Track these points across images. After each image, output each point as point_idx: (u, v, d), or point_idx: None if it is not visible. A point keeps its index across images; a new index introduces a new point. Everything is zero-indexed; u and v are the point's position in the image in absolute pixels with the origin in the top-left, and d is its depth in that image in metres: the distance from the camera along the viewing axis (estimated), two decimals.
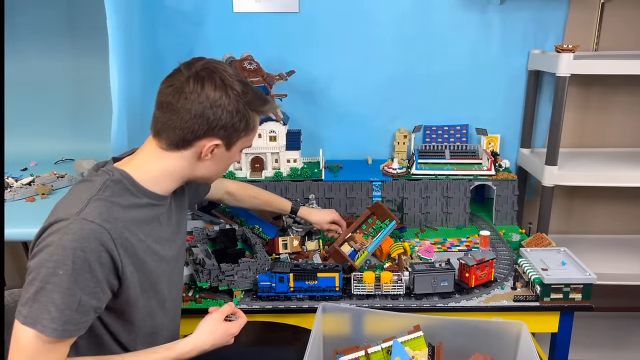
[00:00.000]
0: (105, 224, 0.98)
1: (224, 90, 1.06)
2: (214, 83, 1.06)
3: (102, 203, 1.01)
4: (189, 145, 1.09)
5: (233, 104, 1.07)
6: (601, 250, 2.14)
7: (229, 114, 1.07)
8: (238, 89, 1.08)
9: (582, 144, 2.20)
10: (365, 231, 1.70)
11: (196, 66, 1.07)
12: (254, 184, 1.91)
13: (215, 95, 1.05)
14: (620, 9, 2.02)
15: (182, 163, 1.11)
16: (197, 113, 1.05)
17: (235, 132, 1.11)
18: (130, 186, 1.07)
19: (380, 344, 1.22)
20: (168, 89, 1.07)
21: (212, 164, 1.14)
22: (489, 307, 1.45)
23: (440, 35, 2.07)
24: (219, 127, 1.08)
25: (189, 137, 1.07)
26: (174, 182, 1.15)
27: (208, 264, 1.50)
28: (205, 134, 1.07)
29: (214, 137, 1.09)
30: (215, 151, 1.11)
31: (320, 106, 2.17)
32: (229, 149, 1.14)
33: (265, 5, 2.04)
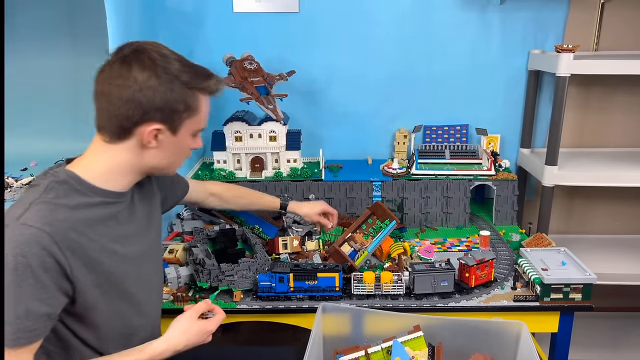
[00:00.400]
0: (46, 227, 0.94)
1: (153, 70, 1.01)
2: (142, 64, 1.00)
3: (44, 206, 0.97)
4: (129, 134, 1.04)
5: (165, 84, 1.01)
6: (601, 250, 2.14)
7: (162, 94, 1.01)
8: (170, 67, 1.02)
9: (582, 144, 2.20)
10: (365, 231, 1.70)
11: (124, 50, 1.02)
12: (254, 184, 1.92)
13: (144, 77, 1.00)
14: (620, 9, 2.02)
15: (128, 155, 1.06)
16: (127, 98, 1.00)
17: (175, 113, 1.05)
18: (78, 186, 1.03)
19: (380, 344, 1.22)
20: (99, 78, 1.03)
21: (160, 152, 1.08)
22: (489, 307, 1.45)
23: (440, 35, 2.07)
24: (154, 110, 1.02)
25: (126, 124, 1.02)
26: (127, 177, 1.10)
27: (208, 264, 1.50)
28: (141, 119, 1.02)
29: (152, 122, 1.03)
30: (160, 137, 1.06)
31: (320, 106, 2.17)
32: (174, 133, 1.07)
33: (265, 5, 2.04)
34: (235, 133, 1.94)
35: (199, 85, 1.07)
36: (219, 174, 1.95)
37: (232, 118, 1.93)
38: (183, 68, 1.04)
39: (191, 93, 1.06)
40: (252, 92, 1.85)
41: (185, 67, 1.05)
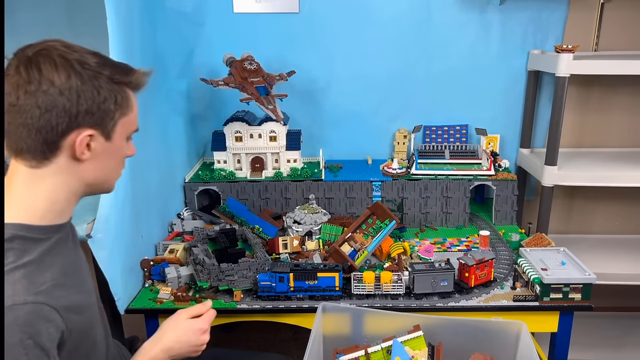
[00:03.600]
0: (39, 297, 0.82)
1: (70, 68, 0.85)
2: (53, 63, 0.85)
3: (17, 275, 0.82)
4: (57, 149, 0.87)
5: (89, 82, 0.87)
6: (601, 250, 2.14)
7: (87, 94, 0.86)
8: (89, 62, 0.88)
9: (581, 144, 2.20)
10: (365, 231, 1.71)
11: (27, 51, 0.86)
12: (254, 184, 1.92)
13: (61, 77, 0.84)
14: (619, 9, 2.03)
15: (63, 176, 0.90)
16: (47, 105, 0.84)
17: (106, 115, 0.90)
18: (28, 234, 0.87)
19: (380, 344, 1.22)
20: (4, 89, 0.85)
21: (98, 163, 0.93)
22: (489, 307, 1.45)
23: (440, 35, 2.07)
24: (83, 114, 0.87)
25: (51, 137, 0.86)
26: (71, 203, 0.95)
27: (208, 263, 1.50)
28: (68, 127, 0.86)
29: (82, 128, 0.87)
30: (93, 145, 0.90)
31: (320, 106, 2.17)
32: (108, 138, 0.92)
33: (265, 6, 2.04)
34: (235, 133, 1.94)
35: (125, 79, 0.93)
36: (219, 174, 1.96)
37: (232, 118, 1.93)
38: (102, 61, 0.90)
39: (119, 89, 0.91)
40: (252, 92, 1.86)
41: (103, 60, 0.91)
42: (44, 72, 0.84)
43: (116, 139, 0.94)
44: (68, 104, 0.85)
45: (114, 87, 0.91)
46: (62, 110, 0.85)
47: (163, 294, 1.51)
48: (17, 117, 0.85)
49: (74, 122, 0.87)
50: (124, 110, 0.94)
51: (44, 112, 0.84)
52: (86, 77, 0.87)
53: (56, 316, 0.85)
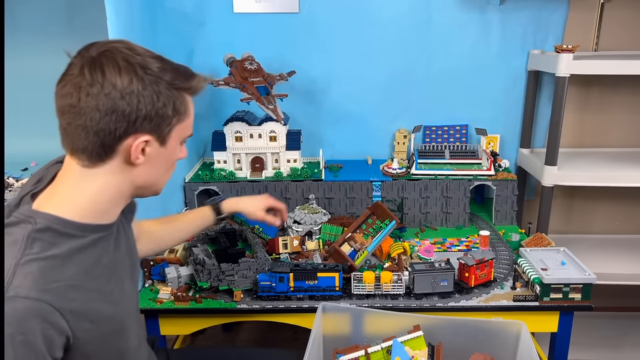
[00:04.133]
0: (44, 296, 0.79)
1: (132, 72, 0.84)
2: (117, 66, 0.84)
3: (33, 267, 0.80)
4: (113, 152, 0.87)
5: (150, 87, 0.86)
6: (601, 250, 2.14)
7: (147, 100, 0.85)
8: (152, 67, 0.86)
9: (581, 144, 2.20)
10: (365, 231, 1.71)
11: (91, 52, 0.86)
12: (254, 184, 1.92)
13: (123, 81, 0.83)
14: (619, 9, 2.02)
15: (114, 177, 0.90)
16: (107, 109, 0.83)
17: (163, 120, 0.89)
18: (64, 229, 0.86)
19: (380, 344, 1.22)
20: (64, 89, 0.85)
21: (150, 168, 0.93)
22: (489, 307, 1.45)
23: (440, 35, 2.07)
24: (142, 119, 0.86)
25: (108, 141, 0.86)
26: (118, 204, 0.95)
27: (208, 263, 1.50)
28: (126, 132, 0.86)
29: (140, 133, 0.87)
30: (148, 150, 0.90)
31: (320, 106, 2.17)
32: (163, 144, 0.92)
33: (265, 6, 2.04)
34: (235, 133, 1.94)
35: (185, 85, 0.92)
36: (219, 174, 1.95)
37: (232, 118, 1.93)
38: (163, 66, 0.89)
39: (178, 94, 0.91)
40: (253, 92, 1.85)
41: (165, 65, 0.90)
42: (107, 75, 0.83)
43: (170, 144, 0.94)
44: (128, 108, 0.85)
45: (173, 92, 0.90)
46: (121, 115, 0.85)
47: (163, 294, 1.51)
48: (77, 118, 0.84)
49: (132, 127, 0.86)
50: (181, 116, 0.93)
51: (104, 115, 0.84)
52: (147, 82, 0.86)
53: (59, 319, 0.81)
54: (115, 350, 0.98)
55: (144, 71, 0.86)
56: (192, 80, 0.93)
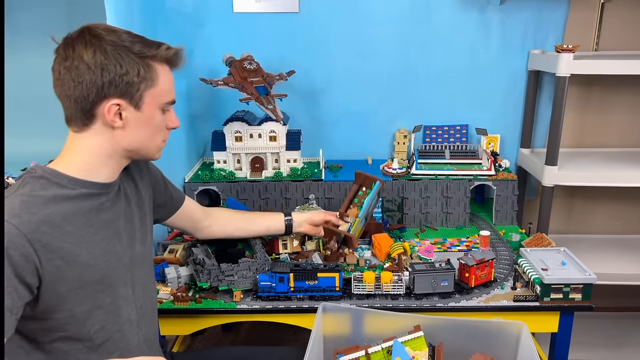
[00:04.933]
0: (14, 220, 0.92)
1: (97, 45, 0.99)
2: (84, 41, 0.99)
3: (16, 199, 0.96)
4: (92, 117, 1.03)
5: (112, 57, 0.99)
6: (601, 250, 2.14)
7: (111, 68, 0.99)
8: (114, 39, 1.00)
9: (582, 144, 2.20)
10: (358, 204, 1.69)
11: (71, 33, 1.02)
12: (254, 184, 1.92)
13: (89, 54, 0.99)
14: (620, 9, 2.02)
15: (99, 140, 1.05)
16: (78, 78, 0.99)
17: (131, 86, 1.02)
18: (55, 179, 1.01)
19: (381, 344, 1.22)
20: (53, 67, 1.03)
21: (131, 131, 1.06)
22: (489, 307, 1.45)
23: (440, 35, 2.07)
24: (108, 85, 1.00)
25: (85, 107, 1.01)
26: (108, 164, 1.08)
27: (208, 264, 1.50)
28: (97, 97, 1.00)
29: (110, 98, 1.01)
30: (125, 114, 1.04)
31: (320, 106, 2.17)
32: (138, 108, 1.05)
33: (265, 5, 2.04)
34: (235, 133, 1.94)
35: (150, 53, 1.04)
36: (219, 174, 1.95)
37: (232, 118, 1.93)
38: (132, 39, 1.02)
39: (143, 62, 1.03)
40: (252, 92, 1.85)
41: (134, 38, 1.03)
42: (76, 50, 0.99)
43: (146, 109, 1.06)
44: (94, 77, 0.99)
45: (138, 61, 1.02)
46: (90, 82, 0.99)
47: (163, 294, 1.50)
48: (61, 89, 1.02)
49: (101, 93, 1.00)
50: (149, 82, 1.04)
51: (77, 84, 1.00)
52: (110, 52, 0.99)
53: (24, 243, 0.92)
54: (98, 307, 1.06)
55: (107, 43, 1.00)
56: (157, 50, 1.05)
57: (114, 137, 1.06)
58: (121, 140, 1.06)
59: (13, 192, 0.98)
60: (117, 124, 1.04)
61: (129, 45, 1.01)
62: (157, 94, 1.07)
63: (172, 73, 1.11)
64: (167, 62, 1.09)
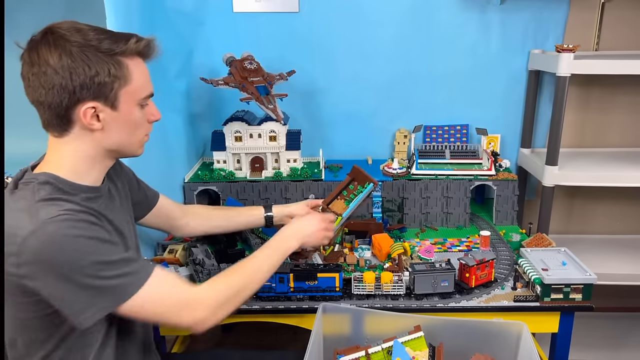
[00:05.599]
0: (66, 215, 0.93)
1: (61, 47, 0.94)
2: (48, 44, 0.94)
3: (48, 203, 0.94)
4: (70, 122, 0.99)
5: (79, 59, 0.94)
6: (601, 250, 2.14)
7: (79, 70, 0.95)
8: (79, 39, 0.95)
9: (582, 144, 2.20)
10: (346, 197, 1.65)
11: (35, 36, 0.97)
12: (254, 184, 1.92)
13: (54, 58, 0.94)
14: (620, 9, 2.02)
15: (80, 144, 1.02)
16: (48, 85, 0.95)
17: (103, 87, 0.98)
18: (59, 184, 1.00)
19: (381, 344, 1.22)
20: (21, 75, 0.98)
21: (112, 131, 1.03)
22: (489, 308, 1.45)
23: (440, 35, 2.07)
24: (79, 89, 0.96)
25: (60, 112, 0.97)
26: (94, 167, 1.06)
27: (208, 264, 1.50)
28: (71, 102, 0.96)
29: (84, 102, 0.97)
30: (102, 116, 1.00)
31: (320, 106, 2.16)
32: (115, 108, 1.01)
33: (265, 5, 2.04)
34: (235, 133, 1.93)
35: (119, 50, 0.98)
36: (218, 174, 1.95)
37: (232, 118, 1.93)
38: (98, 36, 0.97)
39: (113, 61, 0.98)
40: (252, 92, 1.85)
41: (101, 35, 0.98)
42: (41, 55, 0.94)
43: (123, 108, 1.02)
44: (63, 81, 0.95)
45: (107, 59, 0.97)
46: (60, 88, 0.95)
47: None
48: (33, 96, 0.98)
49: (74, 97, 0.96)
50: (122, 79, 1.00)
51: (48, 90, 0.95)
52: (77, 54, 0.94)
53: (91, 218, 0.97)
54: None
55: (72, 44, 0.95)
56: (126, 44, 0.99)
57: (95, 140, 1.03)
58: (102, 141, 1.04)
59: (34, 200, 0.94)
60: (95, 126, 1.01)
61: (96, 44, 0.96)
62: (132, 91, 1.02)
63: (146, 65, 1.07)
64: (140, 55, 1.04)
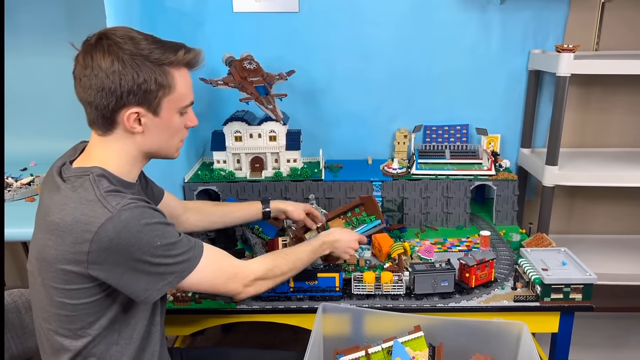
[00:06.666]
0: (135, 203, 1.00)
1: (114, 53, 1.00)
2: (102, 49, 1.01)
3: (114, 194, 1.01)
4: (114, 123, 1.05)
5: (130, 66, 1.01)
6: (601, 250, 2.14)
7: (128, 77, 1.01)
8: (130, 47, 1.01)
9: (582, 144, 2.20)
10: (348, 218, 1.68)
11: (90, 39, 1.03)
12: (254, 184, 1.92)
13: (107, 63, 1.00)
14: (620, 9, 2.02)
15: (122, 144, 1.08)
16: (98, 87, 1.01)
17: (149, 94, 1.04)
18: (111, 178, 1.06)
19: (381, 344, 1.22)
20: (74, 72, 1.04)
21: (150, 136, 1.09)
22: (490, 308, 1.45)
23: (441, 35, 2.07)
24: (127, 94, 1.02)
25: (106, 114, 1.04)
26: (135, 166, 1.13)
27: None
28: (117, 105, 1.03)
29: (129, 106, 1.03)
30: (144, 120, 1.07)
31: (320, 106, 2.16)
32: (156, 114, 1.08)
33: (265, 5, 2.04)
34: (235, 133, 1.93)
35: (167, 60, 1.05)
36: (218, 174, 1.95)
37: (231, 118, 1.93)
38: (149, 46, 1.03)
39: (160, 70, 1.04)
40: (252, 92, 1.85)
41: (152, 44, 1.04)
42: (95, 59, 1.00)
43: (164, 114, 1.09)
44: (113, 85, 1.01)
45: (155, 69, 1.03)
46: (109, 91, 1.01)
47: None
48: (82, 95, 1.04)
49: (121, 101, 1.02)
50: (166, 89, 1.06)
51: (97, 92, 1.01)
52: (128, 61, 1.01)
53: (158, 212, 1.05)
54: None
55: (124, 52, 1.01)
56: (174, 55, 1.06)
57: (135, 142, 1.09)
58: (141, 144, 1.10)
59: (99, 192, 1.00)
60: (136, 129, 1.07)
61: (147, 53, 1.02)
62: (174, 100, 1.09)
63: (189, 75, 1.14)
64: (186, 66, 1.11)
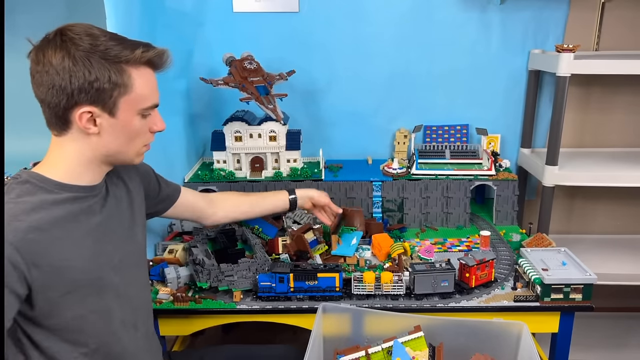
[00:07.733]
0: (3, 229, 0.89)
1: (66, 49, 0.94)
2: (55, 45, 0.95)
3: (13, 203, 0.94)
4: (67, 122, 1.00)
5: (81, 63, 0.95)
6: (601, 250, 2.14)
7: (79, 74, 0.95)
8: (84, 44, 0.95)
9: (582, 144, 2.20)
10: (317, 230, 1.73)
11: (47, 35, 0.98)
12: (254, 184, 1.92)
13: (57, 59, 0.94)
14: (620, 9, 2.02)
15: (77, 145, 1.02)
16: (49, 84, 0.96)
17: (102, 93, 0.97)
18: (40, 184, 0.99)
19: (381, 344, 1.22)
20: (29, 71, 0.99)
21: (108, 137, 1.02)
22: (490, 308, 1.45)
23: (441, 35, 2.07)
24: (77, 92, 0.96)
25: (58, 112, 0.98)
26: (90, 168, 1.06)
27: (208, 264, 1.50)
28: (68, 104, 0.97)
29: (81, 105, 0.97)
30: (99, 121, 1.00)
31: (320, 106, 2.16)
32: (113, 115, 1.01)
33: (265, 5, 2.04)
34: (235, 133, 1.93)
35: (124, 58, 0.98)
36: (218, 174, 1.95)
37: (231, 118, 1.93)
38: (107, 43, 0.97)
39: (115, 68, 0.97)
40: (252, 92, 1.85)
41: (110, 41, 0.97)
42: (46, 54, 0.95)
43: (122, 115, 1.02)
44: (63, 82, 0.95)
45: (110, 67, 0.97)
46: (59, 89, 0.96)
47: (162, 295, 1.50)
48: (36, 92, 0.99)
49: (72, 100, 0.97)
50: (122, 88, 1.00)
51: (47, 89, 0.96)
52: (79, 58, 0.95)
53: (12, 252, 0.90)
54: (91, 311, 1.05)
55: (77, 48, 0.95)
56: (132, 54, 0.99)
57: (90, 143, 1.03)
58: (97, 146, 1.03)
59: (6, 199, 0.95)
60: (91, 130, 1.01)
61: (102, 50, 0.96)
62: (133, 100, 1.02)
63: (154, 76, 1.06)
64: (148, 65, 1.03)
